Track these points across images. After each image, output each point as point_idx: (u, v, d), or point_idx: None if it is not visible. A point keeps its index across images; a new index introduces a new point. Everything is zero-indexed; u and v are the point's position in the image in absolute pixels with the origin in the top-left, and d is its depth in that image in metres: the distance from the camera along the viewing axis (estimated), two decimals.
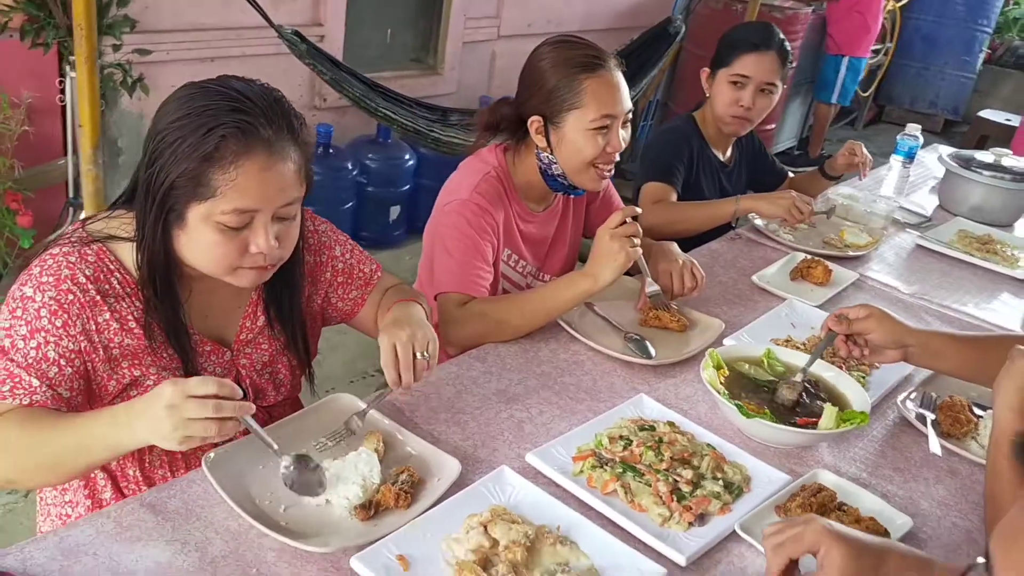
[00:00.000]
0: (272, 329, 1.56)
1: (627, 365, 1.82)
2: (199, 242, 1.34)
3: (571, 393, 1.72)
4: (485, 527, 1.31)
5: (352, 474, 1.36)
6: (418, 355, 1.45)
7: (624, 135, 1.92)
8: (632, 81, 4.65)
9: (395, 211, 4.46)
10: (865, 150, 2.71)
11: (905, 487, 1.57)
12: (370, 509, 1.34)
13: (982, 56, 7.66)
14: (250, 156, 1.29)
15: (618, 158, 1.95)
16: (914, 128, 2.88)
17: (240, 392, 1.22)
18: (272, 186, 1.32)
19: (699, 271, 1.98)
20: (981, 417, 1.73)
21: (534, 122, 1.91)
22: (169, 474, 1.52)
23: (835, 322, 1.65)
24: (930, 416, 1.72)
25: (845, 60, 6.46)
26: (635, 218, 1.81)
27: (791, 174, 2.92)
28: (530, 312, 1.86)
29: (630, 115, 1.94)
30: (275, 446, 1.32)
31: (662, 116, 6.09)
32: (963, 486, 1.59)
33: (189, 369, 1.45)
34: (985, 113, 6.49)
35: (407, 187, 4.46)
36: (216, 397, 1.18)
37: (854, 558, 1.11)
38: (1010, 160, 2.84)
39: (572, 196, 2.12)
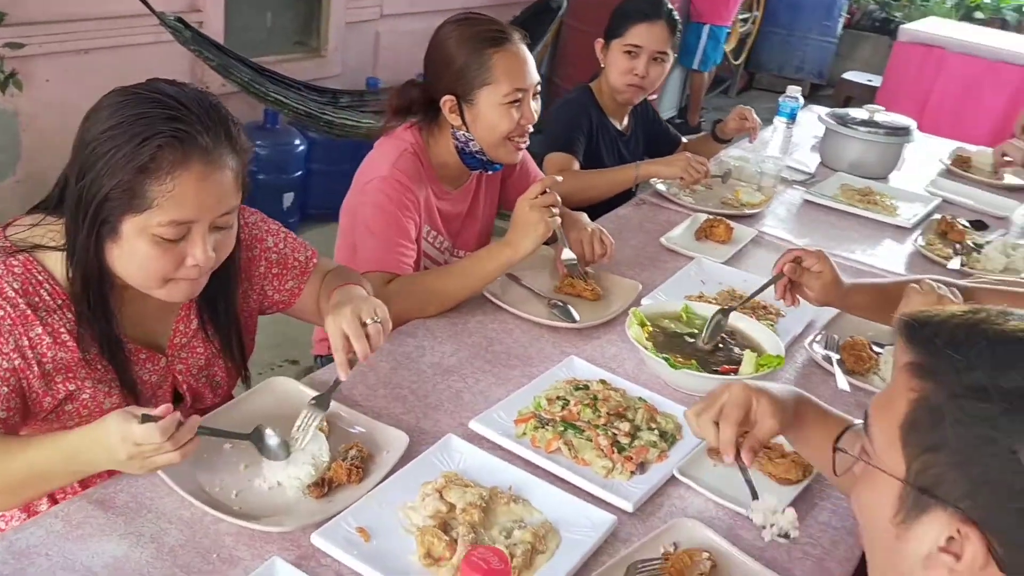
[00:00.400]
0: (206, 332, 1.53)
1: (553, 330, 1.88)
2: (133, 255, 1.30)
3: (503, 360, 1.76)
4: (440, 493, 1.34)
5: (301, 455, 1.37)
6: (367, 321, 1.43)
7: (535, 106, 1.97)
8: None
9: (288, 198, 4.38)
10: (755, 115, 2.84)
11: None
12: (323, 487, 1.35)
13: (841, 21, 8.04)
14: (187, 166, 1.26)
15: (531, 129, 2.00)
16: (794, 90, 3.03)
17: (179, 415, 1.20)
18: (210, 196, 1.30)
19: (608, 238, 2.05)
20: (880, 353, 1.86)
21: (447, 102, 1.93)
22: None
23: (791, 269, 1.74)
24: (835, 356, 1.85)
25: (706, 28, 6.67)
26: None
27: (684, 140, 3.04)
28: (456, 285, 1.89)
29: (539, 86, 1.99)
30: (244, 432, 1.36)
31: (548, 92, 6.16)
32: None
33: (125, 380, 1.41)
34: (848, 75, 6.84)
35: (299, 173, 4.39)
36: None
37: (780, 410, 1.24)
38: (882, 116, 3.03)
39: (489, 172, 2.15)
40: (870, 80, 6.62)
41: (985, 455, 0.80)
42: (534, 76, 1.95)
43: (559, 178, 1.95)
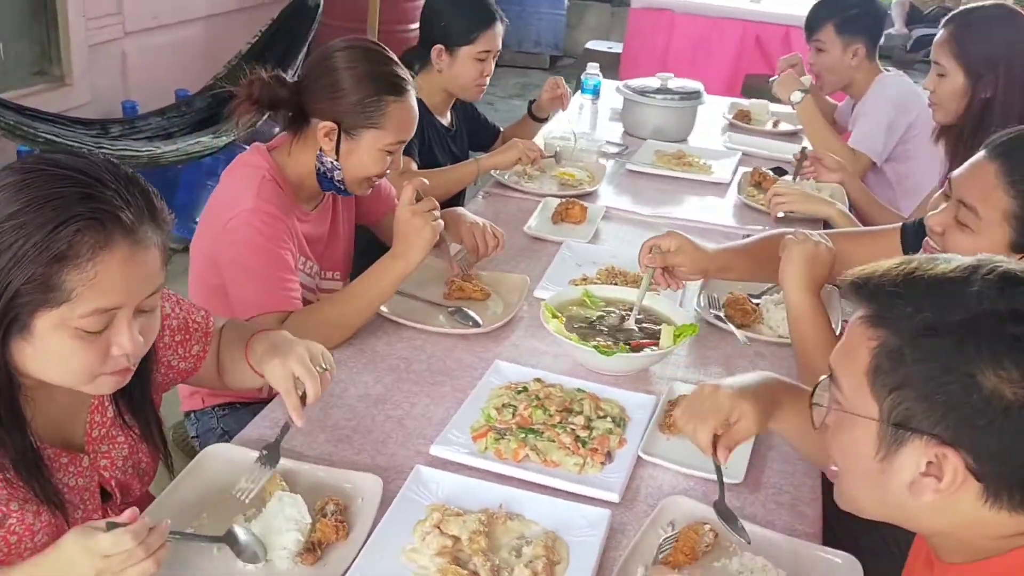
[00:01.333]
0: (124, 419, 1.37)
1: (463, 338, 1.86)
2: (52, 353, 1.14)
3: (428, 378, 1.72)
4: (439, 528, 1.30)
5: (282, 523, 1.27)
6: (317, 369, 1.37)
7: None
8: (283, 62, 4.54)
9: None
10: (564, 83, 2.95)
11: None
12: (316, 551, 1.26)
13: None
14: (110, 249, 1.12)
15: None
16: (594, 67, 3.17)
17: (148, 520, 1.09)
18: (136, 278, 1.16)
19: (498, 229, 2.07)
20: (758, 304, 2.01)
21: (326, 127, 1.84)
22: None
23: (650, 258, 1.80)
24: (720, 314, 1.97)
25: None
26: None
27: (502, 128, 3.09)
28: (355, 309, 1.82)
29: None
30: (217, 535, 1.24)
31: None
32: (772, 363, 1.85)
33: (49, 492, 1.23)
34: (591, 44, 7.19)
35: None
36: None
37: (759, 411, 1.33)
38: (673, 83, 3.23)
39: (340, 196, 2.08)
40: (611, 47, 7.00)
41: (947, 384, 0.90)
42: (415, 128, 1.94)
43: (426, 181, 1.93)
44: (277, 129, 4.65)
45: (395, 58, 1.91)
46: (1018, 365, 0.87)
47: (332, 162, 1.89)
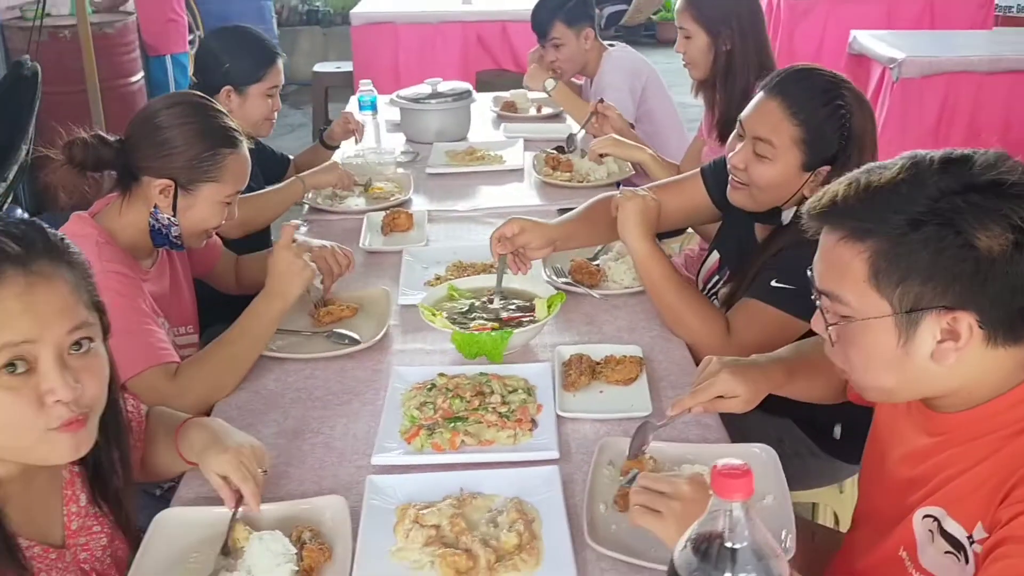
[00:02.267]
0: (100, 506, 1.32)
1: (349, 357, 1.90)
2: None
3: (335, 400, 1.76)
4: (418, 522, 1.36)
5: (270, 560, 1.28)
6: (257, 473, 1.40)
7: None
8: (13, 137, 4.22)
9: None
10: (356, 116, 3.02)
11: (604, 331, 1.99)
12: None
13: (275, 20, 8.38)
14: (1, 281, 1.10)
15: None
16: (367, 83, 3.25)
17: None
18: (41, 311, 1.13)
19: (347, 249, 2.12)
20: (598, 264, 2.22)
21: (161, 184, 1.82)
22: None
23: (500, 246, 1.94)
24: (569, 280, 2.15)
25: (168, 59, 6.62)
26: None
27: (291, 157, 3.10)
28: (243, 351, 1.82)
29: None
30: None
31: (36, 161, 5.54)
32: (630, 310, 2.06)
33: None
34: (319, 67, 7.18)
35: None
36: None
37: (753, 391, 1.50)
38: (443, 86, 3.39)
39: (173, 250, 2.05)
40: (339, 67, 7.04)
41: (946, 260, 1.08)
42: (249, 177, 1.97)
43: (298, 222, 1.98)
44: (19, 211, 4.34)
45: (223, 110, 1.92)
46: (997, 223, 1.06)
47: (168, 218, 1.87)
